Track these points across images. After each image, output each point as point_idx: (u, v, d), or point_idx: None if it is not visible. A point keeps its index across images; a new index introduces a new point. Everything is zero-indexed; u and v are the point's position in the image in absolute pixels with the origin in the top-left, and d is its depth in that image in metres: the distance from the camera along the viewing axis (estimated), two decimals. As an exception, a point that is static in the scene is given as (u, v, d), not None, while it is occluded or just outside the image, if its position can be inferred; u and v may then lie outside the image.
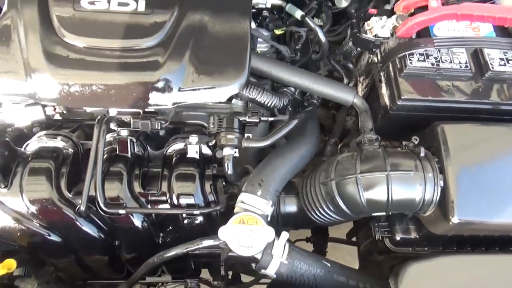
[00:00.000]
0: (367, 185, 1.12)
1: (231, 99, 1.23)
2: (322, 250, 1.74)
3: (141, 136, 1.27)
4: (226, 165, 1.17)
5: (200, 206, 1.18)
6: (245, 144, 1.19)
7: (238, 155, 1.19)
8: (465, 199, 1.06)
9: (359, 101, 1.30)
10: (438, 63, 1.22)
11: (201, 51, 1.13)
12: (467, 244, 1.22)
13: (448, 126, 1.14)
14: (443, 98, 1.20)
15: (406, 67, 1.21)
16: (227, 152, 1.17)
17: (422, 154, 1.13)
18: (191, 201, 1.18)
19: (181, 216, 1.22)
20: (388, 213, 1.17)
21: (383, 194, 1.11)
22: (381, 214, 1.19)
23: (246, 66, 1.14)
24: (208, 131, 1.23)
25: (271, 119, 1.25)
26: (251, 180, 1.17)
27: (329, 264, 1.18)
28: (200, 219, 1.22)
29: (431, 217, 1.13)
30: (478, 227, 1.08)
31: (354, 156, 1.18)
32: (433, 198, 1.09)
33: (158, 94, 1.10)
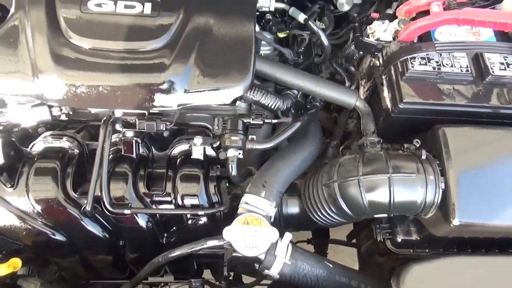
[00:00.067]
0: (369, 187, 1.12)
1: (235, 101, 1.24)
2: (322, 252, 1.75)
3: (146, 137, 1.28)
4: (230, 166, 1.18)
5: (204, 206, 1.19)
6: (249, 146, 1.20)
7: (242, 156, 1.20)
8: (466, 202, 1.07)
9: (361, 104, 1.30)
10: (439, 67, 1.23)
11: (207, 54, 1.14)
12: (467, 246, 1.22)
13: (449, 129, 1.15)
14: (444, 102, 1.21)
15: (407, 70, 1.22)
16: (231, 153, 1.18)
17: (423, 156, 1.14)
18: (196, 202, 1.19)
19: (185, 217, 1.23)
20: (390, 215, 1.17)
21: (385, 196, 1.11)
22: (382, 216, 1.20)
23: (251, 68, 1.15)
24: (212, 133, 1.24)
25: (274, 121, 1.27)
26: (254, 181, 1.18)
27: (331, 265, 1.19)
28: (204, 219, 1.23)
29: (432, 219, 1.14)
30: (479, 229, 1.08)
31: (357, 159, 1.18)
32: (434, 200, 1.10)
33: (163, 95, 1.10)
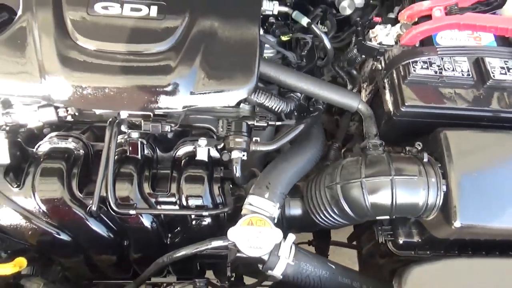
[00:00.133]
0: (371, 189, 1.13)
1: (239, 103, 1.25)
2: (324, 253, 1.76)
3: (150, 138, 1.28)
4: (235, 168, 1.19)
5: (209, 207, 1.20)
6: (253, 148, 1.21)
7: (246, 158, 1.21)
8: (467, 204, 1.07)
9: (363, 107, 1.32)
10: (441, 71, 1.25)
11: (212, 56, 1.15)
12: (468, 248, 1.23)
13: (451, 133, 1.15)
14: (446, 105, 1.22)
15: (409, 74, 1.23)
16: (235, 155, 1.19)
17: (425, 159, 1.15)
18: (200, 203, 1.20)
19: (190, 217, 1.24)
20: (392, 217, 1.18)
21: (388, 198, 1.12)
22: (384, 217, 1.20)
23: (255, 71, 1.16)
24: (217, 135, 1.25)
25: (278, 124, 1.28)
26: (258, 183, 1.19)
27: (333, 266, 1.20)
28: (208, 220, 1.23)
29: (433, 221, 1.15)
30: (480, 231, 1.09)
31: (359, 161, 1.19)
32: (436, 202, 1.11)
33: (169, 97, 1.12)
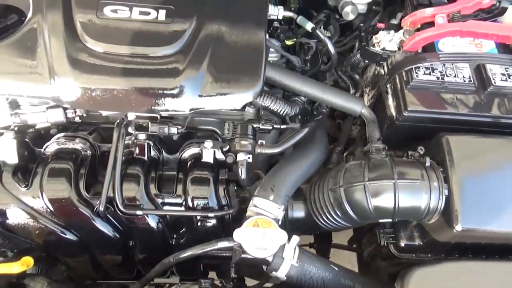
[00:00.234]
0: (374, 192, 1.14)
1: (244, 106, 1.27)
2: (325, 256, 1.76)
3: (156, 140, 1.29)
4: (240, 170, 1.20)
5: (214, 209, 1.21)
6: (258, 150, 1.23)
7: (251, 160, 1.23)
8: (468, 208, 1.09)
9: (367, 112, 1.33)
10: (443, 77, 1.27)
11: (219, 60, 1.17)
12: (469, 251, 1.24)
13: (453, 138, 1.17)
14: (447, 111, 1.24)
15: (412, 80, 1.25)
16: (241, 157, 1.20)
17: (427, 163, 1.16)
18: (205, 204, 1.21)
19: (195, 218, 1.25)
20: (394, 220, 1.19)
21: (390, 201, 1.13)
22: (387, 220, 1.22)
23: (261, 75, 1.18)
24: (223, 137, 1.27)
25: (283, 127, 1.29)
26: (263, 185, 1.20)
27: (336, 268, 1.22)
28: (212, 221, 1.24)
29: (435, 224, 1.16)
30: (481, 235, 1.11)
31: (362, 164, 1.20)
32: (438, 206, 1.12)
33: (176, 100, 1.13)
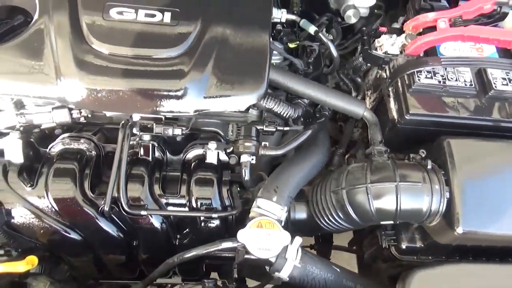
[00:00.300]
0: (376, 194, 1.15)
1: (248, 108, 1.28)
2: (325, 257, 1.77)
3: (160, 141, 1.30)
4: (244, 171, 1.21)
5: (217, 209, 1.22)
6: (261, 152, 1.24)
7: (254, 162, 1.24)
8: (469, 211, 1.10)
9: (369, 114, 1.34)
10: (445, 81, 1.28)
11: (223, 62, 1.18)
12: (469, 254, 1.25)
13: (454, 141, 1.18)
14: (448, 114, 1.25)
15: (414, 83, 1.26)
16: (244, 159, 1.21)
17: (429, 166, 1.17)
18: (209, 205, 1.22)
19: (199, 219, 1.26)
20: (396, 222, 1.20)
21: (392, 204, 1.14)
22: (388, 222, 1.23)
23: (265, 77, 1.19)
24: (226, 138, 1.28)
25: (287, 129, 1.30)
26: (267, 186, 1.21)
27: (338, 269, 1.23)
28: (216, 222, 1.25)
29: (436, 227, 1.17)
30: (481, 238, 1.12)
31: (364, 167, 1.21)
32: (439, 208, 1.13)
33: (181, 101, 1.14)
